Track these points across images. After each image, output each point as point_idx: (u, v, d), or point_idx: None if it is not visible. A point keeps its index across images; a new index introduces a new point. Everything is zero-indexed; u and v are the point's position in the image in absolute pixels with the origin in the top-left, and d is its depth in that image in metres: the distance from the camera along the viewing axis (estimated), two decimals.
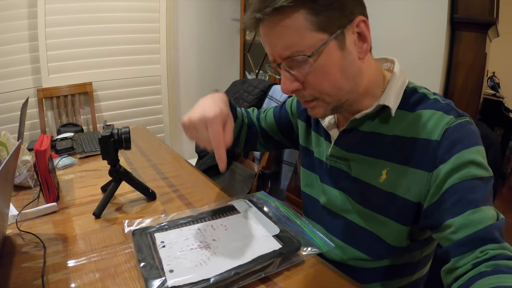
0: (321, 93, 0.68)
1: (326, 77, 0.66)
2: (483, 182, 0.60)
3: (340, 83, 0.67)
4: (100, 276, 0.67)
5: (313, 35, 0.62)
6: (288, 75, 0.67)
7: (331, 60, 0.64)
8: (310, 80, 0.66)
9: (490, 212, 0.58)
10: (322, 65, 0.64)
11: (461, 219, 0.57)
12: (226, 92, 2.14)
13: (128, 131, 0.93)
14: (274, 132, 1.05)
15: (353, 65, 0.67)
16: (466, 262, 0.54)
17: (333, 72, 0.65)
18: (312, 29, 0.62)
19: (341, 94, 0.68)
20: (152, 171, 1.28)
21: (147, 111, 3.18)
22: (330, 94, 0.68)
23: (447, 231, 0.59)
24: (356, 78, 0.68)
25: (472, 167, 0.61)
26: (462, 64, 1.79)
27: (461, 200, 0.59)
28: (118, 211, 0.96)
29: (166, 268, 0.65)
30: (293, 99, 1.03)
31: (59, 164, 1.31)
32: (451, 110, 0.67)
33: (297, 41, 0.63)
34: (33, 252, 0.77)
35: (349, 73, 0.67)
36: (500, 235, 0.56)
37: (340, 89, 0.67)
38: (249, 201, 0.93)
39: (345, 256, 0.81)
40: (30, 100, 2.22)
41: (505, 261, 0.51)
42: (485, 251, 0.54)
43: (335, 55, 0.64)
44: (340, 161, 0.81)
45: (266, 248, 0.71)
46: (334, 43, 0.63)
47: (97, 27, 2.74)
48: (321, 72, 0.65)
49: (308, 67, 0.65)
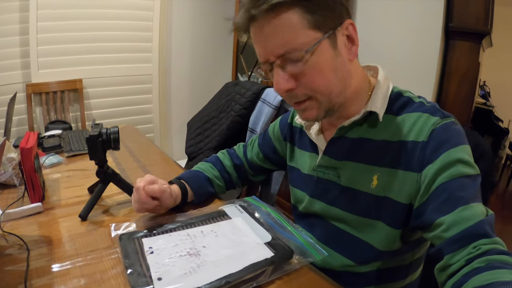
0: (314, 92, 0.68)
1: (320, 75, 0.66)
2: (471, 180, 0.62)
3: (333, 83, 0.68)
4: (85, 283, 0.65)
5: (308, 33, 0.63)
6: (282, 74, 0.67)
7: (324, 58, 0.65)
8: (304, 78, 0.67)
9: (480, 208, 0.59)
10: (316, 63, 0.65)
11: (451, 216, 0.58)
12: (218, 94, 2.13)
13: (117, 131, 0.91)
14: (261, 160, 1.06)
15: (344, 66, 0.68)
16: (460, 259, 0.55)
17: (326, 71, 0.66)
18: (307, 27, 0.63)
19: (333, 94, 0.69)
20: (141, 172, 1.26)
21: (137, 110, 3.15)
22: (323, 93, 0.68)
23: (439, 229, 0.60)
24: (346, 79, 0.70)
25: (459, 166, 0.62)
26: (455, 73, 1.80)
27: (451, 198, 0.60)
28: (105, 214, 0.93)
29: (154, 276, 0.63)
30: (274, 125, 1.04)
31: (45, 162, 1.27)
32: (437, 112, 0.68)
33: (292, 39, 0.63)
34: (16, 254, 0.74)
35: (341, 74, 0.68)
36: (491, 230, 0.57)
37: (332, 89, 0.68)
38: (240, 207, 0.91)
39: (331, 262, 0.81)
40: (18, 95, 2.18)
41: (498, 256, 0.52)
42: (477, 246, 0.54)
43: (328, 54, 0.65)
44: (329, 171, 0.81)
45: (257, 256, 0.69)
46: (327, 42, 0.65)
47: (89, 23, 2.70)
48: (314, 70, 0.65)
49: (302, 65, 0.65)
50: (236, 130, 1.83)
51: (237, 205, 0.93)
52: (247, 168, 1.09)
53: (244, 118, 1.79)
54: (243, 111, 1.78)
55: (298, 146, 0.93)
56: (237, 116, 1.80)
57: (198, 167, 1.06)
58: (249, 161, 1.08)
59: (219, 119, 1.95)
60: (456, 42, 1.78)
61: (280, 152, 1.01)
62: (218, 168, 1.06)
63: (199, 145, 1.99)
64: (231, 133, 1.83)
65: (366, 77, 0.77)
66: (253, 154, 1.07)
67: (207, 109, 2.14)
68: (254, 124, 1.75)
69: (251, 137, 1.76)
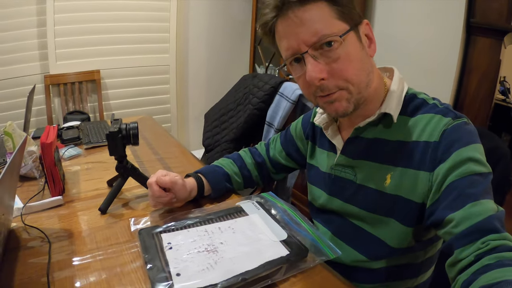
0: (346, 81, 0.69)
1: (351, 64, 0.68)
2: (482, 177, 0.62)
3: (362, 73, 0.70)
4: (106, 276, 0.66)
5: (338, 23, 0.66)
6: (315, 63, 0.68)
7: (353, 48, 0.68)
8: (336, 68, 0.68)
9: (490, 204, 0.59)
10: (347, 52, 0.67)
11: (461, 212, 0.59)
12: (235, 86, 2.13)
13: (136, 126, 0.92)
14: (284, 158, 1.07)
15: (368, 60, 0.72)
16: (469, 254, 0.55)
17: (356, 61, 0.69)
18: (336, 18, 0.66)
19: (362, 85, 0.71)
20: (160, 165, 1.27)
21: (155, 101, 3.16)
22: (354, 82, 0.69)
23: (449, 225, 0.60)
24: (370, 73, 0.72)
25: (470, 164, 0.62)
26: (476, 70, 1.76)
27: (461, 195, 0.61)
28: (124, 207, 0.95)
29: (173, 271, 0.64)
30: (296, 124, 1.04)
31: (65, 154, 1.30)
32: (449, 113, 0.69)
33: (324, 27, 0.65)
34: (38, 247, 0.76)
35: (366, 66, 0.71)
36: (500, 226, 0.57)
37: (362, 79, 0.70)
38: (257, 203, 0.92)
39: (344, 257, 0.82)
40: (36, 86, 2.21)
41: (508, 253, 0.52)
42: (486, 242, 0.55)
43: (356, 45, 0.69)
44: (346, 169, 0.83)
45: (273, 253, 0.70)
46: (353, 34, 0.68)
47: (106, 14, 2.72)
48: (346, 59, 0.67)
49: (334, 54, 0.67)
50: (253, 123, 1.83)
51: (254, 201, 0.93)
52: (269, 166, 1.10)
53: (262, 111, 1.79)
54: (260, 105, 1.78)
55: (319, 145, 0.94)
56: (255, 109, 1.80)
57: (218, 162, 1.08)
58: (272, 159, 1.09)
59: (237, 112, 1.95)
60: (477, 38, 1.74)
61: (303, 150, 1.02)
62: (238, 164, 1.07)
63: (216, 137, 2.00)
64: (249, 126, 1.83)
65: (382, 79, 0.78)
66: (275, 152, 1.08)
67: (224, 101, 2.15)
68: (272, 118, 1.75)
69: (269, 131, 1.78)
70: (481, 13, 1.69)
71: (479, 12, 1.69)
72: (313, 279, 0.69)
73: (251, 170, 1.08)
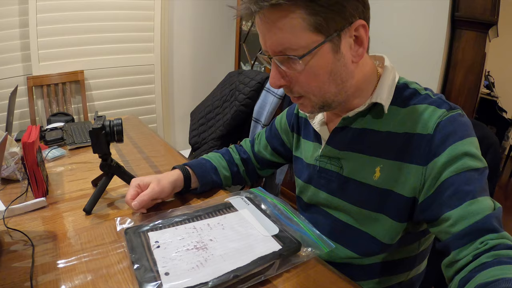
0: (306, 93, 0.68)
1: (315, 79, 0.66)
2: (478, 173, 0.61)
3: (327, 86, 0.67)
4: (91, 279, 0.64)
5: (308, 36, 0.61)
6: (277, 70, 0.67)
7: (322, 62, 0.64)
8: (298, 79, 0.66)
9: (487, 202, 0.58)
10: (312, 67, 0.64)
11: (458, 211, 0.58)
12: (221, 83, 2.11)
13: (120, 123, 0.90)
14: (269, 153, 1.05)
15: (344, 69, 0.66)
16: (467, 254, 0.55)
17: (322, 75, 0.65)
18: (308, 30, 0.60)
19: (327, 96, 0.69)
20: (145, 164, 1.25)
21: (140, 101, 3.13)
22: (316, 94, 0.68)
23: (445, 224, 0.59)
24: (345, 82, 0.68)
25: (466, 159, 0.61)
26: (461, 63, 1.77)
27: (458, 192, 0.59)
28: (109, 207, 0.92)
29: (161, 271, 0.62)
30: (281, 117, 1.03)
31: (48, 155, 1.26)
32: (443, 104, 0.67)
33: (291, 39, 0.61)
34: (21, 251, 0.73)
35: (339, 77, 0.67)
36: (498, 225, 0.56)
37: (326, 91, 0.68)
38: (246, 198, 0.91)
39: (336, 254, 0.81)
40: (19, 88, 2.16)
41: (506, 251, 0.52)
42: (484, 241, 0.54)
43: (327, 58, 0.64)
44: (332, 161, 0.81)
45: (265, 249, 0.69)
46: (328, 46, 0.63)
47: (89, 13, 2.67)
48: (310, 74, 0.65)
49: (298, 67, 0.64)
50: (240, 120, 1.82)
51: (243, 196, 0.92)
52: (254, 162, 1.08)
53: (248, 107, 1.78)
54: (247, 101, 1.77)
55: (303, 136, 0.93)
56: (241, 105, 1.78)
57: (206, 155, 1.06)
58: (256, 154, 1.07)
59: (223, 109, 1.93)
60: (462, 31, 1.75)
61: (288, 144, 1.01)
62: (226, 158, 1.05)
63: (202, 135, 1.98)
64: (236, 123, 1.82)
65: (375, 69, 0.75)
66: (260, 147, 1.06)
67: (210, 99, 2.13)
68: (259, 114, 1.74)
69: (256, 126, 1.77)
70: (466, 7, 1.70)
71: (464, 5, 1.70)
72: (307, 274, 0.67)
73: (239, 165, 1.06)
